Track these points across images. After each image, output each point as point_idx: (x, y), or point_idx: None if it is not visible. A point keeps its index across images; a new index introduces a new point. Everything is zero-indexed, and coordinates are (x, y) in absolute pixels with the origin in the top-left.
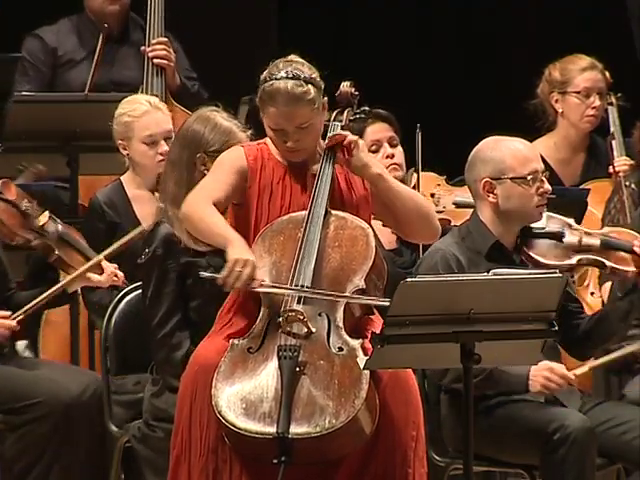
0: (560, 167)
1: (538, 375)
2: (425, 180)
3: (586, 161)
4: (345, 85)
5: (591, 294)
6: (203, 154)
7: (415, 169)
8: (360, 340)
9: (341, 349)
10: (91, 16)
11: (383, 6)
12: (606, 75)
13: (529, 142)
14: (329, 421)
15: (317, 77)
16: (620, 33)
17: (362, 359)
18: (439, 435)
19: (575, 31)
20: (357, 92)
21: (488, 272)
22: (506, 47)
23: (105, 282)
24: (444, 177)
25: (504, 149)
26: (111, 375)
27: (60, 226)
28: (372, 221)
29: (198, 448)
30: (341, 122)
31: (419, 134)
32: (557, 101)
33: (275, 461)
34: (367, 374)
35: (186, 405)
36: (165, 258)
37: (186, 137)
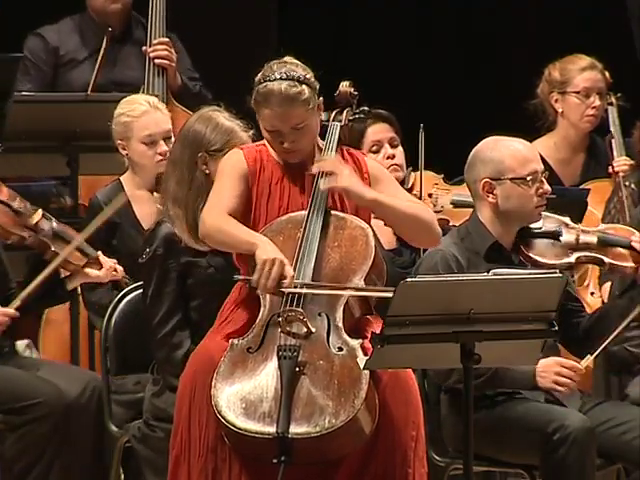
0: (560, 167)
1: (548, 371)
2: (423, 180)
3: (586, 161)
4: (344, 85)
5: (591, 294)
6: (204, 153)
7: (413, 169)
8: (360, 340)
9: (341, 349)
10: (93, 15)
11: (383, 6)
12: (606, 75)
13: (529, 142)
14: (329, 421)
15: (311, 77)
16: (620, 33)
17: (362, 359)
18: (439, 435)
19: (575, 31)
20: (356, 92)
21: (488, 272)
22: (506, 47)
23: (104, 277)
24: (441, 176)
25: (504, 149)
26: (111, 375)
27: (54, 223)
28: (372, 221)
29: (197, 448)
30: (340, 122)
31: (422, 133)
32: (557, 101)
33: (275, 461)
34: (367, 374)
35: (185, 405)
36: (166, 257)
37: (187, 137)
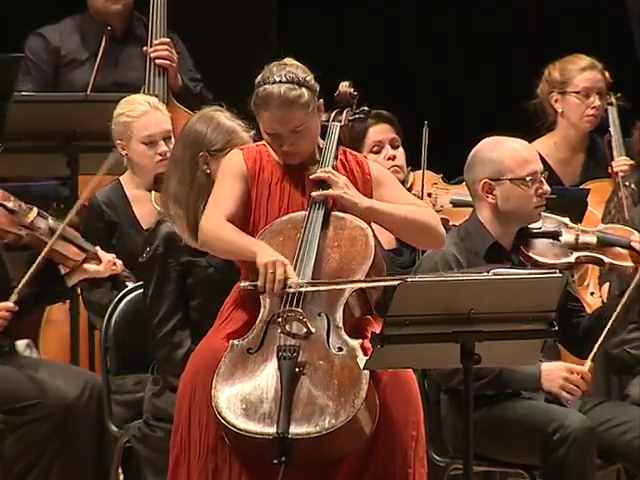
0: (560, 167)
1: (556, 375)
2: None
3: (586, 161)
4: (344, 85)
5: (591, 294)
6: (205, 153)
7: (413, 169)
8: (360, 340)
9: (341, 349)
10: (94, 16)
11: (383, 6)
12: (606, 75)
13: (528, 142)
14: (329, 421)
15: (311, 80)
16: (620, 33)
17: (362, 359)
18: (439, 435)
19: (575, 31)
20: (356, 92)
21: (488, 272)
22: (506, 47)
23: (104, 271)
24: (440, 176)
25: (503, 150)
26: (111, 375)
27: (50, 221)
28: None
29: (197, 448)
30: (340, 122)
31: (426, 130)
32: (557, 101)
33: (275, 461)
34: (367, 374)
35: (185, 405)
36: (166, 257)
37: (189, 136)
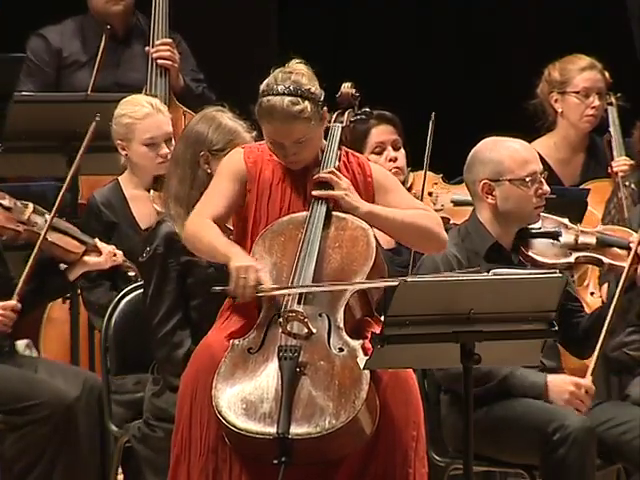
0: (560, 167)
1: (563, 389)
2: (422, 180)
3: (586, 161)
4: (346, 86)
5: (591, 294)
6: (207, 152)
7: (412, 169)
8: (360, 341)
9: (341, 350)
10: (95, 16)
11: (383, 6)
12: (605, 75)
13: (528, 142)
14: (329, 421)
15: (316, 89)
16: (620, 33)
17: (362, 359)
18: (439, 435)
19: (575, 31)
20: (358, 93)
21: (488, 272)
22: (506, 47)
23: (104, 263)
24: (440, 176)
25: (503, 150)
26: (111, 375)
27: (47, 215)
28: None
29: (198, 447)
30: (342, 123)
31: (433, 123)
32: (556, 101)
33: (275, 461)
34: (367, 375)
35: (186, 404)
36: (166, 257)
37: (190, 136)
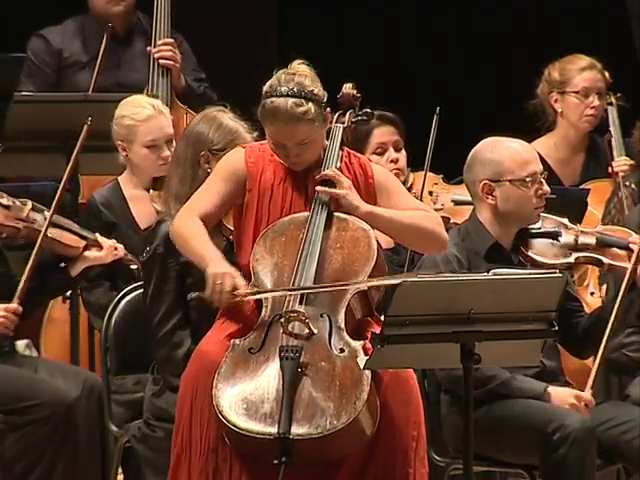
0: (560, 167)
1: (563, 400)
2: (422, 180)
3: (586, 161)
4: (347, 87)
5: (591, 294)
6: (207, 152)
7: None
8: (362, 342)
9: (342, 350)
10: (96, 17)
11: (383, 6)
12: (605, 75)
13: (528, 142)
14: (330, 422)
15: (319, 91)
16: (620, 33)
17: (363, 360)
18: (439, 435)
19: (575, 31)
20: (359, 94)
21: (488, 272)
22: (506, 47)
23: (106, 257)
24: (441, 176)
25: (503, 151)
26: (111, 375)
27: (46, 213)
28: None
29: (198, 447)
30: (343, 124)
31: (437, 117)
32: (556, 101)
33: (276, 462)
34: (368, 375)
35: (187, 404)
36: (166, 256)
37: (191, 135)
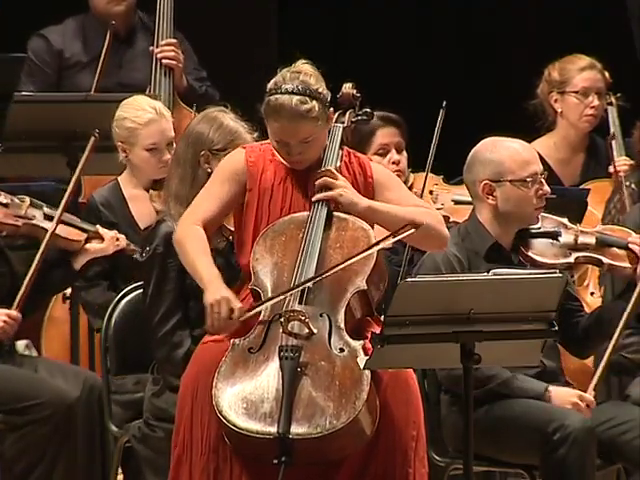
0: (560, 167)
1: (564, 400)
2: (422, 181)
3: (586, 161)
4: (347, 87)
5: (591, 294)
6: (207, 152)
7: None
8: (361, 341)
9: (342, 350)
10: (96, 16)
11: (383, 6)
12: (605, 75)
13: (528, 142)
14: (330, 422)
15: (323, 89)
16: (620, 33)
17: (363, 360)
18: (439, 435)
19: (575, 31)
20: (359, 93)
21: (488, 272)
22: (506, 47)
23: (107, 248)
24: (441, 177)
25: (503, 151)
26: (111, 375)
27: (45, 208)
28: None
29: (199, 447)
30: (343, 124)
31: (443, 112)
32: (556, 101)
33: (275, 461)
34: (368, 375)
35: (187, 404)
36: (166, 256)
37: (191, 135)
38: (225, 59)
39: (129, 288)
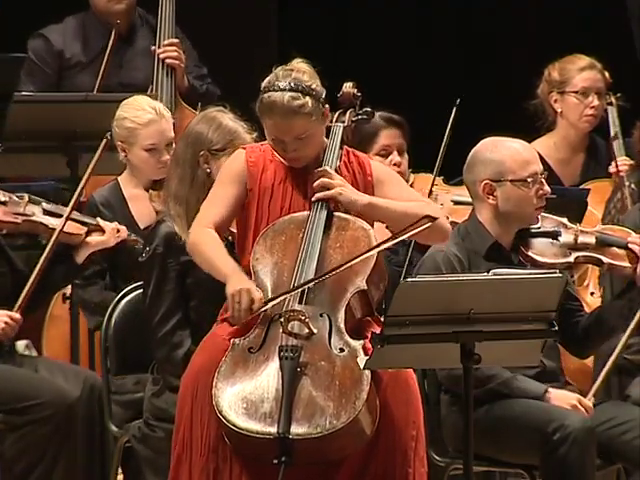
0: (560, 167)
1: (564, 402)
2: (423, 181)
3: (585, 161)
4: (347, 86)
5: (591, 294)
6: (206, 152)
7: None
8: (361, 341)
9: (342, 350)
10: (97, 15)
11: (383, 6)
12: (605, 75)
13: (528, 142)
14: (330, 422)
15: (317, 86)
16: (620, 33)
17: (362, 360)
18: (439, 435)
19: (575, 31)
20: (359, 93)
21: (488, 272)
22: (506, 47)
23: (108, 240)
24: (441, 177)
25: (503, 151)
26: (111, 375)
27: (44, 204)
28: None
29: (199, 447)
30: (343, 123)
31: (456, 109)
32: (556, 101)
33: (275, 461)
34: (368, 375)
35: (187, 404)
36: (166, 256)
37: (190, 135)
38: (225, 59)
39: (129, 288)
